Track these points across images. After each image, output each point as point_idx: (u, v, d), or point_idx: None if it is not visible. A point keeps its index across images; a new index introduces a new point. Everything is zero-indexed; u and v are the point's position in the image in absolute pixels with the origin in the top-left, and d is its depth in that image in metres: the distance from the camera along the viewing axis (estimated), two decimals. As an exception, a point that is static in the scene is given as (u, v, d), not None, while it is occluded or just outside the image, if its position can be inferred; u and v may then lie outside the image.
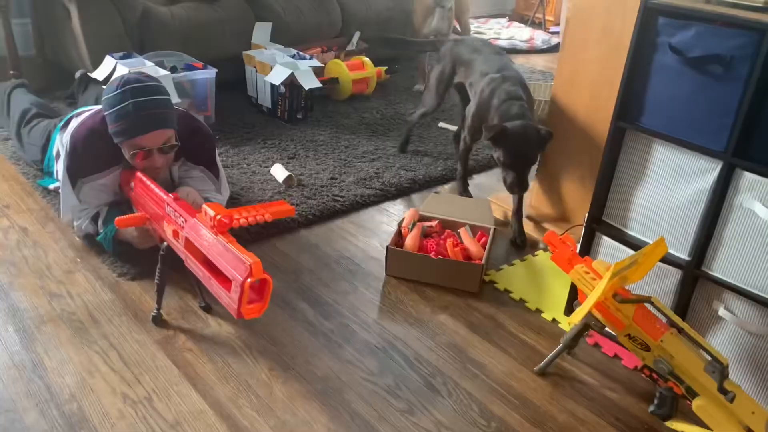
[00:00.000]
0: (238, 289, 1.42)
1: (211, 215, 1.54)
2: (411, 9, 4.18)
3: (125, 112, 1.89)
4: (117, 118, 1.91)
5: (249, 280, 1.41)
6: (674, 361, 1.49)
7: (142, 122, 1.90)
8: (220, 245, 1.51)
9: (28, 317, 1.79)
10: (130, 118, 1.89)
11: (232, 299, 1.45)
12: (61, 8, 3.17)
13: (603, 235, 1.83)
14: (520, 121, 2.23)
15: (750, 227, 1.52)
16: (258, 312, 1.48)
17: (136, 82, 1.92)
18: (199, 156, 2.16)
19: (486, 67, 2.48)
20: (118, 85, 1.92)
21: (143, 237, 1.98)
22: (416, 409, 1.59)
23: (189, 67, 3.12)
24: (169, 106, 1.98)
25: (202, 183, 2.17)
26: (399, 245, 2.14)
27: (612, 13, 2.09)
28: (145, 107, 1.90)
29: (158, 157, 1.97)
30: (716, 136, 1.52)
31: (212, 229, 1.55)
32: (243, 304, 1.44)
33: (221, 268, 1.50)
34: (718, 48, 1.46)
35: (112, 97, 1.92)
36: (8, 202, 2.36)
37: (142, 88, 1.91)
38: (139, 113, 1.89)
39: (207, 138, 2.20)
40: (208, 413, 1.52)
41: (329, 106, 3.55)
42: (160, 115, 1.93)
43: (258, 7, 3.57)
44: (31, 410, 1.49)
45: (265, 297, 1.48)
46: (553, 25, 6.03)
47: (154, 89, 1.94)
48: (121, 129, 1.91)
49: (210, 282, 1.55)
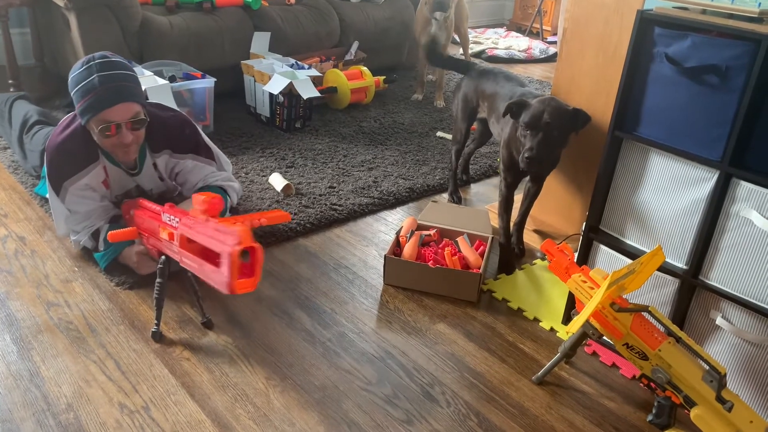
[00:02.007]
0: (228, 259, 1.41)
1: (200, 200, 1.57)
2: (409, 19, 4.21)
3: (91, 86, 1.88)
4: (84, 93, 1.90)
5: (238, 248, 1.40)
6: (672, 370, 1.49)
7: (108, 95, 1.89)
8: (208, 226, 1.52)
9: (26, 326, 1.78)
10: (97, 91, 1.88)
11: (223, 273, 1.44)
12: (61, 18, 3.18)
13: (600, 244, 1.83)
14: (548, 97, 2.05)
15: (747, 236, 1.53)
16: (251, 286, 1.46)
17: (102, 57, 1.92)
18: (182, 144, 2.13)
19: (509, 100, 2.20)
20: (83, 63, 1.92)
21: (143, 262, 1.98)
22: (414, 419, 1.58)
23: (188, 77, 3.13)
24: (135, 81, 1.97)
25: (199, 171, 2.15)
26: (397, 254, 2.15)
27: (609, 23, 2.10)
28: (111, 80, 1.89)
29: (126, 132, 1.94)
30: (713, 145, 1.52)
31: (204, 213, 1.56)
32: (234, 277, 1.42)
33: (212, 246, 1.49)
34: (714, 58, 1.47)
35: (78, 74, 1.92)
36: (6, 211, 2.36)
37: (107, 63, 1.91)
38: (105, 86, 1.88)
39: (184, 123, 2.16)
40: (205, 423, 1.52)
41: (327, 115, 3.56)
42: (126, 88, 1.92)
43: (257, 16, 3.59)
44: (27, 420, 1.49)
45: (256, 270, 1.47)
46: (550, 34, 6.06)
47: (120, 65, 1.94)
48: (88, 104, 1.90)
49: (203, 268, 1.54)
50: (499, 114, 2.26)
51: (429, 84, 4.23)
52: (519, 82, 2.36)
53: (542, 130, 1.97)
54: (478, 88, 2.46)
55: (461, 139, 2.63)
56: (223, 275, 1.43)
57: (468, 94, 2.51)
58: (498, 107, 2.30)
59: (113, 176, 2.07)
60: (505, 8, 6.66)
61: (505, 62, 5.15)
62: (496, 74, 2.44)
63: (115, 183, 2.08)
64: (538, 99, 2.03)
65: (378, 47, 4.20)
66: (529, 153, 1.98)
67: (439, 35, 3.78)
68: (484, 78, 2.45)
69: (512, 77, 2.41)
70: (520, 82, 2.37)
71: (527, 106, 2.01)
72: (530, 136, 1.99)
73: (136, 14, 3.15)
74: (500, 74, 2.43)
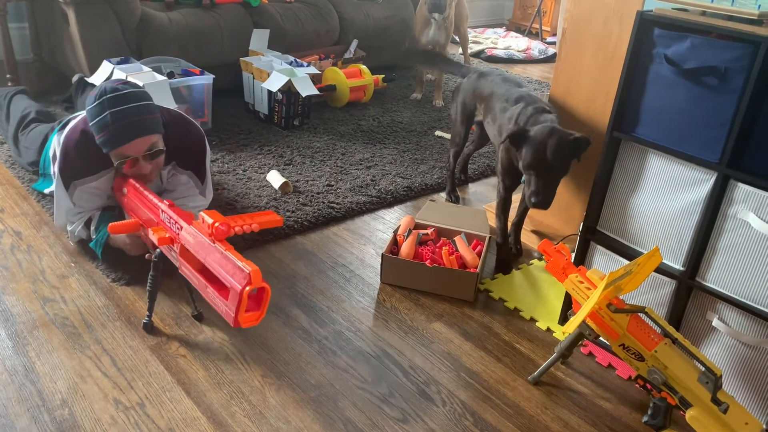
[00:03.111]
0: (237, 298, 1.41)
1: (209, 223, 1.53)
2: (408, 18, 4.21)
3: (104, 123, 1.88)
4: (99, 129, 1.90)
5: (248, 289, 1.40)
6: (668, 371, 1.49)
7: (121, 132, 1.88)
8: (217, 253, 1.50)
9: (21, 322, 1.78)
10: (110, 129, 1.87)
11: (230, 307, 1.44)
12: (59, 13, 3.17)
13: (598, 244, 1.83)
14: (548, 124, 1.95)
15: (744, 238, 1.53)
16: (255, 320, 1.47)
17: (113, 91, 1.89)
18: (188, 160, 2.15)
19: (505, 101, 2.22)
20: (96, 97, 1.90)
21: (135, 244, 1.98)
22: (410, 418, 1.58)
23: (186, 73, 3.12)
24: (151, 112, 1.95)
25: (187, 189, 2.16)
26: (394, 253, 2.14)
27: (608, 24, 2.10)
28: (124, 116, 1.87)
29: (145, 164, 1.95)
30: (711, 147, 1.52)
31: (210, 237, 1.54)
32: (241, 313, 1.43)
33: (219, 276, 1.48)
34: (713, 60, 1.47)
35: (92, 108, 1.91)
36: (2, 206, 2.35)
37: (119, 97, 1.88)
38: (118, 123, 1.87)
39: (199, 142, 2.18)
40: (200, 420, 1.52)
41: (326, 113, 3.56)
42: (140, 122, 1.91)
43: (256, 13, 3.58)
44: (22, 416, 1.48)
45: (262, 306, 1.47)
46: (549, 35, 6.06)
47: (132, 96, 1.91)
48: (104, 140, 1.91)
49: (206, 290, 1.54)
50: (495, 115, 2.24)
51: (428, 83, 4.23)
52: (516, 83, 2.32)
53: (546, 171, 1.91)
54: (475, 91, 2.43)
55: (460, 142, 2.61)
56: (230, 310, 1.43)
57: (466, 97, 2.48)
58: (494, 107, 2.26)
59: None
60: (505, 8, 6.66)
61: (504, 62, 5.15)
62: (494, 75, 2.41)
63: None
64: (538, 130, 1.92)
65: (377, 46, 4.20)
66: (536, 198, 1.91)
67: (438, 35, 3.78)
68: (482, 80, 2.42)
69: (510, 78, 2.37)
70: (518, 83, 2.33)
71: (527, 140, 1.92)
72: (534, 177, 1.92)
73: (135, 10, 3.14)
74: (498, 75, 2.40)
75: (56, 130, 2.31)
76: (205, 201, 2.22)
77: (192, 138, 2.15)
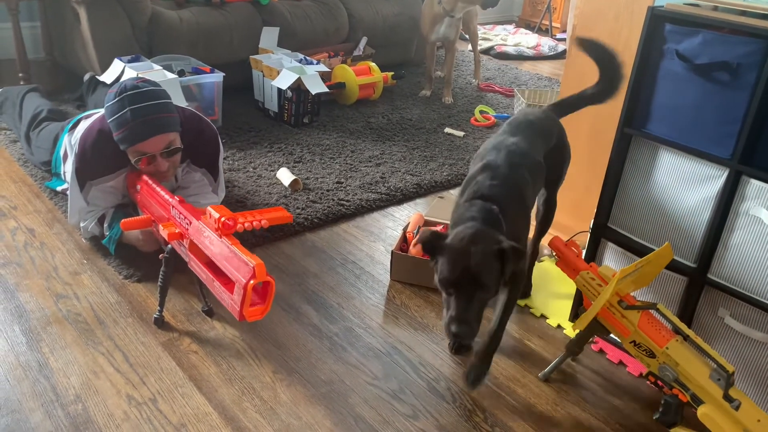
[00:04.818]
0: (241, 291, 1.42)
1: (215, 217, 1.54)
2: (418, 15, 4.20)
3: (124, 119, 1.90)
4: (117, 126, 1.92)
5: (252, 282, 1.41)
6: (679, 368, 1.48)
7: (141, 129, 1.90)
8: (224, 247, 1.52)
9: (35, 318, 1.80)
10: (129, 125, 1.90)
11: (235, 301, 1.45)
12: (71, 12, 3.19)
13: (609, 241, 1.83)
14: (471, 225, 1.48)
15: (756, 234, 1.52)
16: (260, 314, 1.48)
17: (134, 89, 1.91)
18: (202, 159, 2.17)
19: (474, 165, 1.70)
20: (116, 94, 1.92)
21: (148, 240, 1.99)
22: (420, 414, 1.58)
23: (196, 71, 3.14)
24: (169, 110, 1.97)
25: (201, 187, 2.18)
26: (404, 250, 2.15)
27: (619, 20, 2.09)
28: (143, 114, 1.90)
29: (162, 161, 1.97)
30: (723, 143, 1.51)
31: (216, 231, 1.55)
32: (245, 306, 1.44)
33: (224, 270, 1.50)
34: (725, 55, 1.46)
35: (111, 105, 1.93)
36: (16, 204, 2.37)
37: (139, 95, 1.91)
38: (137, 120, 1.89)
39: (212, 141, 2.20)
40: (212, 415, 1.53)
41: (336, 110, 3.56)
42: (159, 120, 1.93)
43: (266, 12, 3.59)
44: (36, 411, 1.50)
45: (267, 300, 1.48)
46: (559, 31, 6.04)
47: (152, 94, 1.93)
48: (122, 136, 1.93)
49: (213, 284, 1.56)
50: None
51: (437, 80, 4.22)
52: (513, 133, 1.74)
53: (463, 288, 1.44)
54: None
55: None
56: (235, 303, 1.45)
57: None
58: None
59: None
60: (515, 5, 6.64)
61: (514, 59, 5.14)
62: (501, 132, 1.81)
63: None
64: (456, 237, 1.48)
65: (386, 43, 4.20)
66: (456, 327, 1.42)
67: (449, 32, 3.77)
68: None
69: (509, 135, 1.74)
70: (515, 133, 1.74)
71: (442, 251, 1.48)
72: (453, 299, 1.45)
73: (145, 8, 3.16)
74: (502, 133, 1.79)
75: (66, 129, 2.33)
76: (217, 199, 2.24)
77: (206, 136, 2.17)
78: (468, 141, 3.29)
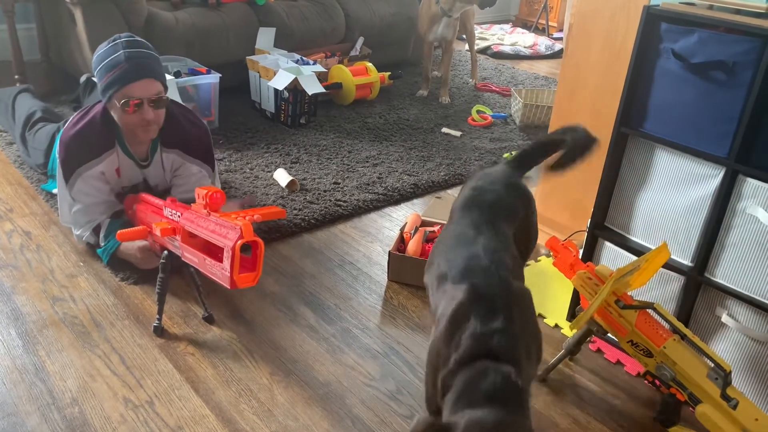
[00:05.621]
0: (230, 254, 1.42)
1: (202, 194, 1.59)
2: (415, 15, 4.20)
3: (117, 61, 1.93)
4: (109, 68, 1.94)
5: (240, 242, 1.42)
6: (677, 367, 1.48)
7: (133, 69, 1.93)
8: (211, 222, 1.54)
9: (31, 321, 1.79)
10: (122, 66, 1.92)
11: (225, 268, 1.45)
12: (67, 13, 3.18)
13: (605, 240, 1.83)
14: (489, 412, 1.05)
15: (753, 233, 1.52)
16: (252, 281, 1.49)
17: (128, 36, 2.00)
18: (194, 148, 2.17)
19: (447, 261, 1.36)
20: (110, 41, 1.98)
21: (146, 257, 1.98)
22: (418, 414, 1.58)
23: (193, 72, 3.13)
24: (159, 62, 2.04)
25: (199, 179, 2.18)
26: (401, 250, 2.14)
27: (615, 19, 2.09)
28: (137, 56, 1.95)
29: (148, 109, 1.97)
30: (719, 142, 1.51)
31: (206, 208, 1.58)
32: (236, 271, 1.44)
33: (213, 240, 1.51)
34: (721, 54, 1.46)
35: (104, 51, 1.97)
36: (12, 206, 2.36)
37: (133, 41, 1.98)
38: (131, 61, 1.93)
39: (204, 130, 2.22)
40: (209, 417, 1.52)
41: (332, 111, 3.56)
42: (151, 65, 1.98)
43: (262, 12, 3.59)
44: (32, 414, 1.49)
45: (257, 264, 1.49)
46: (556, 30, 6.04)
47: (145, 44, 2.02)
48: (113, 79, 1.94)
49: (204, 263, 1.56)
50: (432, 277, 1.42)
51: (434, 80, 4.22)
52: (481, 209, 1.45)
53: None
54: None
55: None
56: (225, 269, 1.44)
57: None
58: (433, 260, 1.46)
59: (124, 167, 2.09)
60: (512, 4, 6.63)
61: (511, 58, 5.13)
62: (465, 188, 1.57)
63: (125, 174, 2.10)
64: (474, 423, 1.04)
65: (383, 43, 4.20)
66: None
67: (447, 32, 3.77)
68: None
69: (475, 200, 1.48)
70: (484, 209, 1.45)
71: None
72: None
73: (141, 9, 3.15)
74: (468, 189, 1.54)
75: (62, 130, 2.32)
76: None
77: (199, 126, 2.20)
78: (465, 141, 3.29)
